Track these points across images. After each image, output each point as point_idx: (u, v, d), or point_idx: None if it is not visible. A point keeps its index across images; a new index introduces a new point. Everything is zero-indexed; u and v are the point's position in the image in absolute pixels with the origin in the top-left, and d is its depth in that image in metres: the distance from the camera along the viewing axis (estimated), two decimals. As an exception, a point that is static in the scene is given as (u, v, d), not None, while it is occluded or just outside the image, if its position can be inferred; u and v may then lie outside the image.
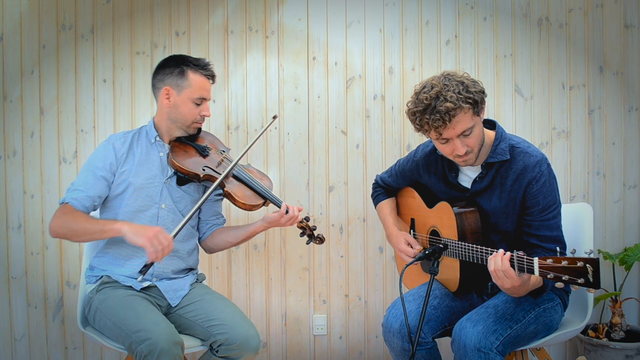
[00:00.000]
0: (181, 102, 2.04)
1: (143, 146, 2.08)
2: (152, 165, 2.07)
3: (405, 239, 2.12)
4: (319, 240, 2.16)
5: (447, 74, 1.78)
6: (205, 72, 2.06)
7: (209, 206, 2.21)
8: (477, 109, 1.76)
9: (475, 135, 1.78)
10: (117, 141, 2.06)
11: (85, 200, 1.96)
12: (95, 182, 1.99)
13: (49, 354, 2.82)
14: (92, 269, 2.11)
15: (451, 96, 1.70)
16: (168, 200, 2.07)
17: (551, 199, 1.82)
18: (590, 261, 1.43)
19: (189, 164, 2.04)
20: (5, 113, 2.77)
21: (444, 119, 1.71)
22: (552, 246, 1.82)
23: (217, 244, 2.20)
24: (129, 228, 1.86)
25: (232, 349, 1.91)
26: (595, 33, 2.85)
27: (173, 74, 2.04)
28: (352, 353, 2.90)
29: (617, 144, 2.86)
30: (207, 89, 2.07)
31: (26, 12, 2.78)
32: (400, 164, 2.22)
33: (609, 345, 2.57)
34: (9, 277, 2.79)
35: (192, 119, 2.06)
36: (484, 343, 1.73)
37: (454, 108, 1.71)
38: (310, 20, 2.84)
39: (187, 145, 2.10)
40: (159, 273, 2.07)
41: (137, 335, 1.79)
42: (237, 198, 2.03)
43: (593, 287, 1.43)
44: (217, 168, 2.09)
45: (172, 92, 2.04)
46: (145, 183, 2.04)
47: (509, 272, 1.61)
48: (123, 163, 2.03)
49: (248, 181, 2.10)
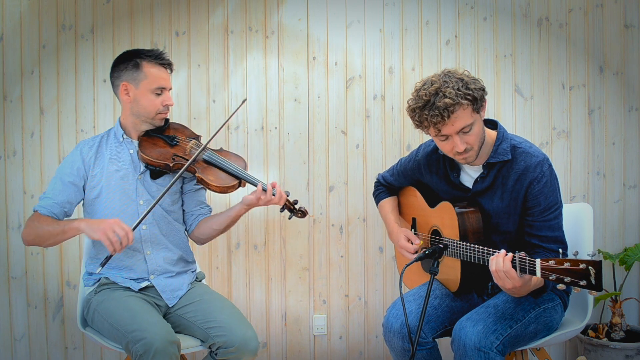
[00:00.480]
0: (141, 95, 2.02)
1: (112, 146, 2.08)
2: (124, 164, 2.06)
3: (405, 234, 2.12)
4: (300, 213, 2.10)
5: (448, 71, 1.80)
6: (160, 62, 2.03)
7: (191, 197, 2.19)
8: (476, 105, 1.76)
9: (475, 133, 1.78)
10: (84, 146, 2.07)
11: (53, 207, 1.98)
12: (63, 189, 2.01)
13: (49, 354, 2.81)
14: (90, 274, 2.11)
15: (450, 92, 1.71)
16: (145, 195, 2.06)
17: (552, 199, 1.82)
18: (592, 263, 1.42)
19: (158, 155, 2.03)
20: (5, 113, 2.77)
21: (443, 115, 1.72)
22: (553, 246, 1.82)
23: (204, 233, 2.18)
24: (86, 224, 1.87)
25: (231, 351, 1.90)
26: (595, 33, 2.85)
27: (128, 68, 2.02)
28: (352, 353, 2.90)
29: (617, 144, 2.86)
30: (165, 78, 2.04)
31: (26, 12, 2.77)
32: (402, 163, 2.22)
33: (609, 345, 2.57)
34: (9, 277, 2.79)
35: (155, 110, 2.04)
36: (484, 343, 1.73)
37: (453, 104, 1.71)
38: (310, 20, 2.84)
39: (155, 138, 2.09)
40: (153, 269, 2.07)
41: (133, 335, 1.79)
42: (209, 182, 2.01)
43: (595, 289, 1.42)
44: (187, 156, 2.06)
45: (130, 86, 2.02)
46: (119, 182, 2.05)
47: (511, 272, 1.61)
48: (93, 167, 2.04)
49: (219, 163, 2.06)
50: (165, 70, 2.06)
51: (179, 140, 2.11)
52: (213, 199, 2.77)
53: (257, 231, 2.86)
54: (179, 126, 2.20)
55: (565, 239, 1.86)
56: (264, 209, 2.84)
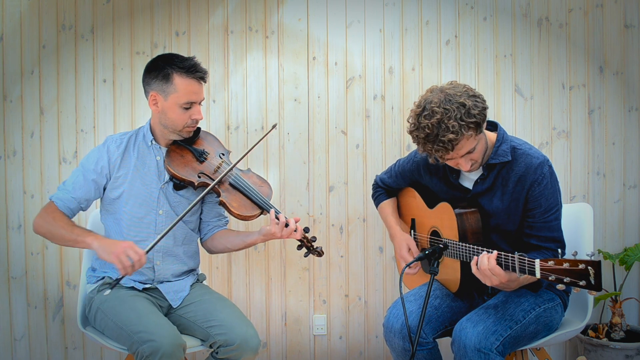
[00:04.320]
0: (168, 108, 1.95)
1: (140, 149, 2.04)
2: (149, 170, 2.03)
3: (407, 244, 2.11)
4: (317, 253, 2.07)
5: (447, 94, 1.71)
6: (192, 75, 1.93)
7: (210, 207, 2.18)
8: (480, 129, 1.75)
9: (479, 151, 1.79)
10: (112, 144, 2.02)
11: (70, 202, 1.96)
12: (84, 184, 1.98)
13: (49, 354, 2.82)
14: (93, 270, 2.11)
15: (453, 125, 1.67)
16: (165, 205, 2.04)
17: (553, 200, 1.83)
18: (591, 263, 1.43)
19: (184, 170, 1.98)
20: (5, 113, 2.77)
21: (447, 148, 1.71)
22: (552, 245, 1.82)
23: (217, 247, 2.19)
24: (99, 245, 1.84)
25: (232, 349, 1.90)
26: (595, 33, 2.85)
27: (158, 77, 1.93)
28: (352, 353, 2.91)
29: (617, 144, 2.86)
30: (196, 92, 1.95)
31: (26, 12, 2.77)
32: (400, 164, 2.22)
33: (609, 345, 2.57)
34: (9, 277, 2.79)
35: (182, 124, 1.97)
36: (484, 344, 1.73)
37: (457, 138, 1.69)
38: (310, 20, 2.84)
39: (184, 149, 2.04)
40: (160, 277, 2.07)
41: (139, 336, 1.79)
42: (232, 209, 1.97)
43: (594, 289, 1.43)
44: (214, 175, 2.02)
45: (159, 97, 1.95)
46: (141, 189, 2.02)
47: (495, 270, 1.64)
48: (118, 168, 2.00)
49: (245, 190, 2.02)
50: (198, 83, 1.96)
51: (207, 156, 2.05)
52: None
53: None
54: (210, 138, 2.13)
55: (563, 239, 1.86)
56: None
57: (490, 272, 1.65)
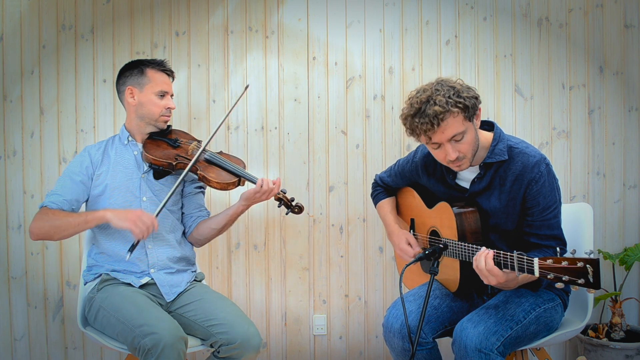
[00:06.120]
0: (145, 98, 2.13)
1: (117, 149, 2.17)
2: (128, 164, 2.15)
3: (406, 238, 2.12)
4: (297, 208, 2.19)
5: (441, 79, 1.79)
6: (162, 68, 2.16)
7: (190, 199, 2.26)
8: (468, 113, 1.75)
9: (467, 142, 1.78)
10: (92, 149, 2.17)
11: (63, 204, 2.03)
12: (72, 186, 2.07)
13: (49, 354, 2.82)
14: (89, 269, 2.14)
15: (440, 100, 1.71)
16: (148, 192, 2.13)
17: (551, 198, 1.82)
18: (590, 261, 1.43)
19: (162, 155, 2.12)
20: (5, 113, 2.77)
21: (433, 122, 1.72)
22: (551, 243, 1.82)
23: (202, 234, 2.22)
24: (112, 214, 1.96)
25: (233, 348, 1.91)
26: (595, 33, 2.85)
27: (133, 74, 2.14)
28: (352, 353, 2.91)
29: (617, 144, 2.86)
30: (167, 83, 2.17)
31: (26, 12, 2.77)
32: (399, 165, 2.22)
33: (609, 345, 2.57)
34: (9, 277, 2.79)
35: (159, 111, 2.14)
36: (485, 344, 1.73)
37: (443, 112, 1.70)
38: (310, 20, 2.84)
39: (159, 141, 2.19)
40: (154, 262, 2.10)
41: (141, 330, 1.81)
42: (211, 179, 2.10)
43: (593, 287, 1.43)
44: (189, 155, 2.16)
45: (135, 90, 2.13)
46: (123, 181, 2.12)
47: (494, 270, 1.65)
48: (99, 166, 2.12)
49: (220, 163, 2.16)
50: (167, 77, 2.19)
51: (181, 143, 2.21)
52: (213, 200, 2.78)
53: (257, 231, 2.86)
54: (180, 131, 2.31)
55: (563, 237, 1.86)
56: (263, 208, 2.84)
57: (488, 273, 1.66)
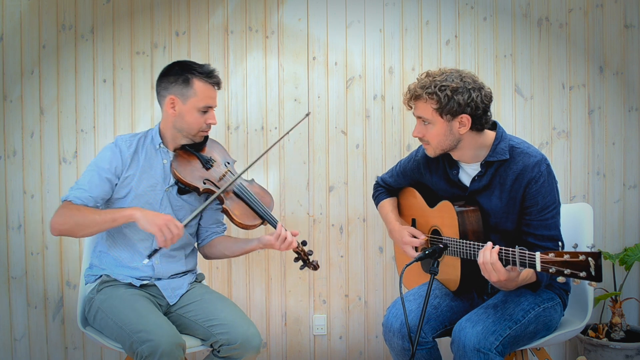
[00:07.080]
0: (187, 112, 2.00)
1: (148, 151, 2.06)
2: (155, 172, 2.05)
3: (408, 231, 2.12)
4: (312, 266, 2.11)
5: (460, 72, 1.85)
6: (210, 80, 2.02)
7: (209, 214, 2.19)
8: (440, 109, 1.81)
9: (432, 133, 1.87)
10: (123, 144, 2.04)
11: (87, 200, 1.95)
12: (99, 183, 1.98)
13: (49, 354, 2.82)
14: (91, 268, 2.11)
15: (425, 82, 1.83)
16: (168, 209, 2.06)
17: (550, 199, 1.83)
18: (592, 254, 1.44)
19: (190, 176, 2.02)
20: (5, 113, 2.77)
21: (411, 94, 1.87)
22: (550, 244, 1.83)
23: (214, 253, 2.20)
24: (141, 214, 1.88)
25: (234, 348, 1.91)
26: (595, 33, 2.85)
27: (177, 82, 1.99)
28: (352, 353, 2.90)
29: (617, 144, 2.86)
30: (213, 97, 2.03)
31: (26, 12, 2.77)
32: (401, 164, 2.23)
33: (609, 345, 2.57)
34: (9, 277, 2.79)
35: (198, 127, 2.03)
36: (484, 344, 1.73)
37: (419, 94, 1.84)
38: (310, 20, 2.84)
39: (191, 155, 2.07)
40: (159, 275, 2.07)
41: (139, 336, 1.79)
42: (234, 217, 2.00)
43: (595, 280, 1.44)
44: (219, 182, 2.05)
45: (178, 101, 2.00)
46: (147, 190, 2.03)
47: (497, 265, 1.65)
48: (128, 167, 2.02)
49: (248, 199, 2.06)
50: (214, 89, 2.04)
51: (213, 164, 2.09)
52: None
53: (257, 231, 2.85)
54: (217, 146, 2.18)
55: (561, 238, 1.86)
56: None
57: (491, 267, 1.66)
